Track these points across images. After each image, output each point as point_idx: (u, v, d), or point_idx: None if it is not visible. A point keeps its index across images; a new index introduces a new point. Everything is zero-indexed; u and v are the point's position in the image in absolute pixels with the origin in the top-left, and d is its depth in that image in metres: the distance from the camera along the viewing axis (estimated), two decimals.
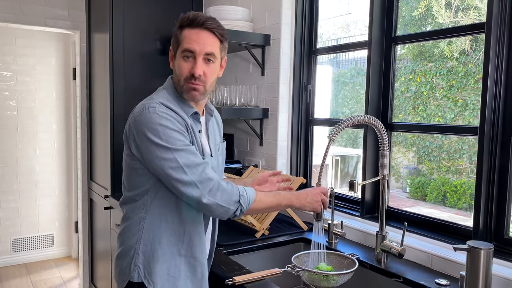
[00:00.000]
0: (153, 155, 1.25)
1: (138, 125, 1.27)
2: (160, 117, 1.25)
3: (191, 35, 1.32)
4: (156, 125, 1.24)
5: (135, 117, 1.30)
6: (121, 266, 1.39)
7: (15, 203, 4.23)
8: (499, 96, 1.48)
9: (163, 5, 2.89)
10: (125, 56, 2.78)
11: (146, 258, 1.35)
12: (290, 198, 1.42)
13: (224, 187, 1.27)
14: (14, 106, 4.18)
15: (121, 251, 1.40)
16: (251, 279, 1.46)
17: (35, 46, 4.23)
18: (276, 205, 1.40)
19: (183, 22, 1.35)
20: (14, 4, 3.07)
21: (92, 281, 3.46)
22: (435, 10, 3.00)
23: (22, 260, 4.29)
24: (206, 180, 1.25)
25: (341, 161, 4.34)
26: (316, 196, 1.45)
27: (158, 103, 1.28)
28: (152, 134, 1.24)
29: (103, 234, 3.08)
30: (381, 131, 1.60)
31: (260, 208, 1.37)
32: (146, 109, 1.27)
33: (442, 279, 1.46)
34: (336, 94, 3.81)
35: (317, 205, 1.45)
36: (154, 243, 1.35)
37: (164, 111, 1.27)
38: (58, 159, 4.42)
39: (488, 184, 1.52)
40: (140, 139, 1.27)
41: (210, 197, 1.25)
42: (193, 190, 1.24)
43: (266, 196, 1.38)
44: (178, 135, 1.26)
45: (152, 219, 1.35)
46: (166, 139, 1.24)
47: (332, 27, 3.69)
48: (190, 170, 1.24)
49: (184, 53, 1.32)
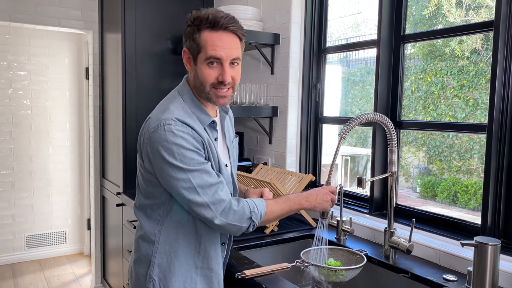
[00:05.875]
0: (167, 174, 1.23)
1: (153, 142, 1.23)
2: (175, 136, 1.21)
3: (215, 40, 1.25)
4: (171, 144, 1.21)
5: (150, 132, 1.25)
6: (137, 273, 1.38)
7: (29, 200, 4.31)
8: (508, 94, 1.49)
9: (174, 5, 2.93)
10: (137, 56, 2.82)
11: (161, 270, 1.33)
12: (300, 201, 1.41)
13: (235, 209, 1.25)
14: (28, 105, 4.25)
15: (137, 258, 1.39)
16: (260, 273, 1.48)
17: (48, 46, 4.30)
18: (287, 211, 1.39)
19: (201, 23, 1.26)
20: (29, 5, 3.13)
21: (104, 277, 3.51)
22: (445, 9, 3.00)
23: (36, 256, 4.37)
24: (219, 201, 1.24)
25: (350, 161, 4.34)
26: (326, 196, 1.45)
27: (174, 120, 1.23)
28: (166, 153, 1.21)
29: (115, 231, 3.13)
30: (390, 128, 1.61)
31: (272, 218, 1.35)
32: (161, 127, 1.22)
33: (450, 275, 1.47)
34: (346, 93, 3.82)
35: (327, 204, 1.45)
36: (170, 256, 1.33)
37: (180, 128, 1.22)
38: (71, 157, 4.49)
39: (496, 181, 1.52)
40: (154, 157, 1.24)
41: (222, 217, 1.24)
42: (205, 211, 1.23)
43: (277, 205, 1.36)
44: (192, 154, 1.23)
45: (168, 232, 1.33)
46: (181, 159, 1.21)
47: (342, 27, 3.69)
48: (204, 191, 1.22)
49: (209, 60, 1.26)
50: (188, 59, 1.33)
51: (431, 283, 1.45)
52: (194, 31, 1.27)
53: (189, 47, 1.31)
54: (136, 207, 1.42)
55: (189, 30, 1.29)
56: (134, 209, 1.43)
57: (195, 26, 1.27)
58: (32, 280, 3.87)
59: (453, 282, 1.44)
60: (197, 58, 1.28)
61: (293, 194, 1.45)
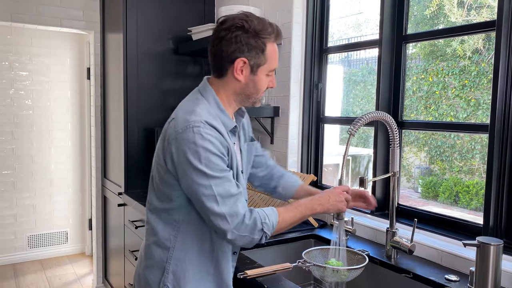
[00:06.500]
0: (189, 178, 1.20)
1: (179, 144, 1.21)
2: (204, 139, 1.19)
3: (276, 53, 1.31)
4: (199, 147, 1.18)
5: (177, 133, 1.22)
6: (149, 279, 1.35)
7: (30, 200, 4.31)
8: (510, 94, 1.49)
9: (176, 5, 2.94)
10: (139, 56, 2.83)
11: (176, 278, 1.31)
12: (313, 207, 1.36)
13: (247, 222, 1.22)
14: (30, 105, 4.26)
15: (149, 265, 1.36)
16: (262, 273, 1.48)
17: (50, 46, 4.31)
18: (300, 218, 1.34)
19: (269, 36, 1.27)
20: (30, 6, 3.13)
21: (105, 277, 3.51)
22: (447, 9, 3.00)
23: (37, 256, 4.37)
24: (236, 213, 1.21)
25: (352, 161, 4.34)
26: (339, 196, 1.40)
27: (203, 123, 1.21)
28: (192, 156, 1.19)
29: (116, 231, 3.13)
30: (393, 128, 1.61)
31: (284, 226, 1.31)
32: (190, 128, 1.20)
33: (452, 275, 1.47)
34: (347, 93, 3.82)
35: (341, 205, 1.40)
36: (186, 263, 1.31)
37: (208, 132, 1.20)
38: (72, 157, 4.50)
39: (498, 181, 1.52)
40: (178, 158, 1.21)
41: (236, 230, 1.21)
42: (221, 222, 1.20)
43: (288, 212, 1.32)
44: (218, 160, 1.21)
45: (184, 238, 1.30)
46: (206, 163, 1.18)
47: (344, 27, 3.69)
48: (223, 200, 1.20)
49: (272, 71, 1.32)
50: (242, 68, 1.29)
51: (433, 283, 1.45)
52: (263, 43, 1.27)
53: (252, 58, 1.27)
54: (149, 210, 1.37)
55: (254, 42, 1.26)
56: (147, 213, 1.38)
57: (262, 38, 1.27)
58: (33, 280, 3.87)
59: (455, 282, 1.44)
60: (259, 69, 1.29)
61: (305, 199, 1.39)
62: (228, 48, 1.26)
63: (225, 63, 1.28)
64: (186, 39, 2.92)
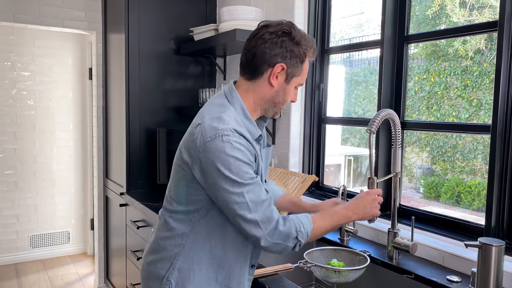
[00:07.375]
0: (220, 187, 1.18)
1: (208, 152, 1.18)
2: (233, 148, 1.17)
3: (307, 68, 1.33)
4: (228, 156, 1.16)
5: (205, 141, 1.19)
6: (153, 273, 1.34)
7: (32, 200, 4.32)
8: None
9: (178, 5, 2.94)
10: (140, 56, 2.83)
11: (180, 276, 1.29)
12: (347, 214, 1.34)
13: (281, 229, 1.20)
14: (32, 105, 4.27)
15: (156, 259, 1.34)
16: (264, 273, 1.48)
17: (52, 46, 4.31)
18: (335, 226, 1.32)
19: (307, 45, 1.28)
20: (32, 6, 3.14)
21: (107, 277, 3.52)
22: (449, 9, 2.99)
23: (39, 256, 4.38)
24: (268, 219, 1.19)
25: (354, 161, 4.34)
26: (372, 202, 1.38)
27: (232, 131, 1.18)
28: (222, 166, 1.17)
29: (118, 231, 3.14)
30: (397, 128, 1.60)
31: (319, 234, 1.29)
32: (219, 137, 1.17)
33: (454, 276, 1.47)
34: (349, 94, 3.82)
35: (376, 210, 1.38)
36: (193, 263, 1.28)
37: (237, 140, 1.18)
38: (74, 157, 4.50)
39: (500, 181, 1.52)
40: (207, 167, 1.19)
41: (269, 237, 1.19)
42: (255, 229, 1.19)
43: (323, 220, 1.29)
44: (247, 168, 1.19)
45: (196, 238, 1.29)
46: (237, 172, 1.17)
47: (345, 27, 3.69)
48: (256, 207, 1.18)
49: (300, 85, 1.34)
50: (279, 74, 1.28)
51: (435, 284, 1.45)
52: (304, 54, 1.28)
53: (291, 66, 1.27)
54: (167, 211, 1.36)
55: (297, 51, 1.26)
56: (164, 213, 1.36)
57: (304, 49, 1.27)
58: (35, 280, 3.88)
59: (457, 283, 1.43)
60: (292, 79, 1.30)
61: (339, 207, 1.37)
62: (272, 51, 1.24)
63: (263, 65, 1.26)
64: (188, 40, 2.92)
